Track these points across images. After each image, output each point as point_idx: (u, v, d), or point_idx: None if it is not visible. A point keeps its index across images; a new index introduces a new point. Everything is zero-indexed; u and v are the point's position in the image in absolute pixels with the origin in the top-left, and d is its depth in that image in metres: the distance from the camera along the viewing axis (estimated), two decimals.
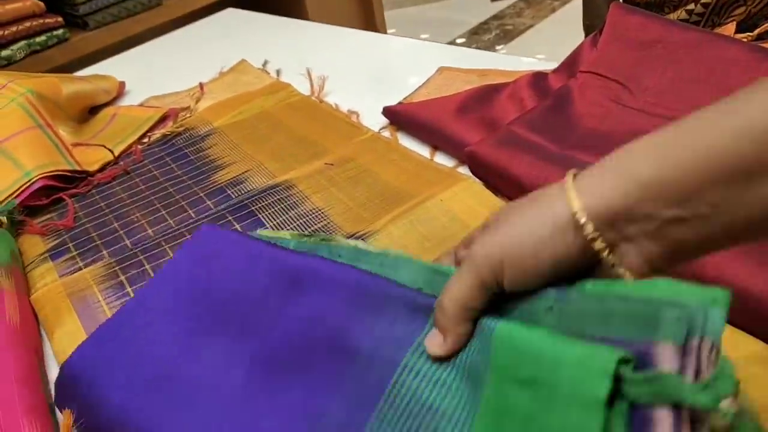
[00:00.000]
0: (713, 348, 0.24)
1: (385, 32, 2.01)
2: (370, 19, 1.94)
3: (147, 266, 0.58)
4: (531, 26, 2.68)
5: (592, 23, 0.95)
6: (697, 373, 0.24)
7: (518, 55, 0.82)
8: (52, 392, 0.48)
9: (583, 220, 0.28)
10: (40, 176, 0.67)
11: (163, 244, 0.60)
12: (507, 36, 2.63)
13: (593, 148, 0.58)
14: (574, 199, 0.28)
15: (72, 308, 0.54)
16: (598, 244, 0.28)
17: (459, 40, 2.68)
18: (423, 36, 2.77)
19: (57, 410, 0.46)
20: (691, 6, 0.79)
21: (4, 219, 0.63)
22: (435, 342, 0.34)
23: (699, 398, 0.22)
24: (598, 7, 0.92)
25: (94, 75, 0.92)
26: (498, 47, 2.55)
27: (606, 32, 0.68)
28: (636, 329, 0.26)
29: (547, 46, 2.46)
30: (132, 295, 0.55)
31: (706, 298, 0.25)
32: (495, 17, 2.81)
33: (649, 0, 0.84)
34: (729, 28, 0.66)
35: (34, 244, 0.64)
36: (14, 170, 0.67)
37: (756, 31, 0.65)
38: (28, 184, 0.66)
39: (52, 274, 0.59)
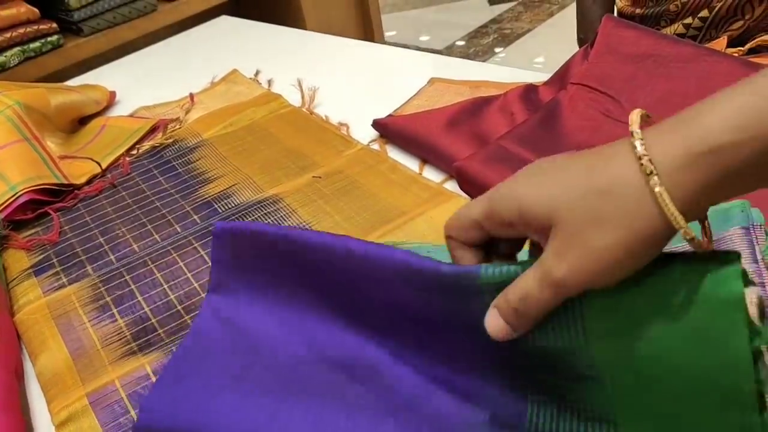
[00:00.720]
0: None
1: (382, 37, 2.00)
2: (367, 24, 1.93)
3: (133, 286, 0.57)
4: (529, 30, 2.67)
5: (586, 36, 0.94)
6: None
7: (517, 59, 0.82)
8: (32, 412, 0.48)
9: (687, 235, 0.26)
10: (26, 190, 0.67)
11: (149, 262, 0.59)
12: (505, 40, 2.62)
13: None
14: (673, 212, 0.25)
15: (57, 331, 0.54)
16: (691, 239, 0.26)
17: (458, 43, 2.67)
18: (422, 38, 2.77)
19: None
20: (689, 20, 0.78)
21: None
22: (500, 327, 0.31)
23: None
24: (592, 21, 0.92)
25: (84, 85, 0.91)
26: (497, 50, 2.55)
27: (597, 45, 0.67)
28: None
29: (545, 50, 2.45)
30: (118, 316, 0.54)
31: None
32: (493, 21, 2.80)
33: (645, 14, 0.83)
34: (720, 43, 0.65)
35: (18, 260, 0.63)
36: (0, 184, 0.67)
37: (747, 46, 0.65)
38: (14, 198, 0.66)
39: (36, 290, 0.59)
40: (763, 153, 0.24)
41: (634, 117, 0.27)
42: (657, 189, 0.25)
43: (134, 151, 0.78)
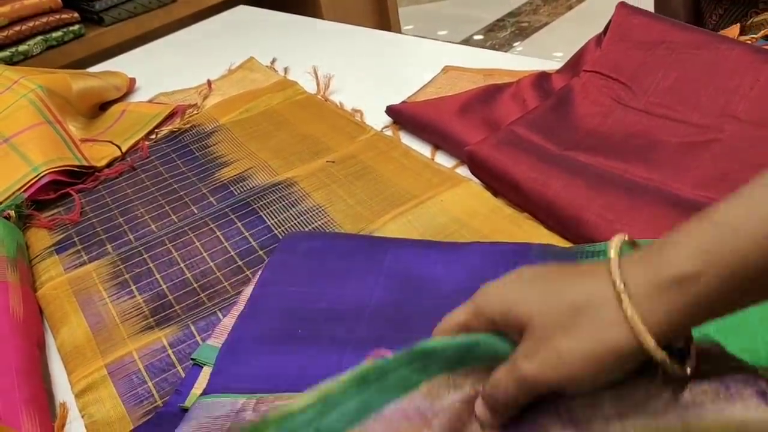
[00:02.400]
0: None
1: (399, 29, 2.01)
2: (384, 17, 1.94)
3: (151, 264, 0.59)
4: (547, 24, 2.66)
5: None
6: None
7: (534, 53, 0.82)
8: (53, 383, 0.50)
9: (657, 355, 0.27)
10: (48, 171, 0.69)
11: (167, 242, 0.61)
12: (523, 33, 2.62)
13: (593, 149, 0.58)
14: (642, 333, 0.26)
15: (77, 306, 0.55)
16: (662, 361, 0.27)
17: (476, 37, 2.67)
18: (440, 32, 2.77)
19: (56, 402, 0.48)
20: None
21: (12, 213, 0.64)
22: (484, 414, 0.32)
23: None
24: (675, 7, 0.87)
25: (105, 71, 0.93)
26: (514, 44, 2.54)
27: (611, 32, 0.67)
28: None
29: (563, 44, 2.44)
30: (136, 293, 0.56)
31: None
32: (511, 14, 2.79)
33: None
34: (733, 30, 0.65)
35: (41, 238, 0.65)
36: (23, 165, 0.69)
37: (761, 33, 0.65)
38: (37, 178, 0.68)
39: (57, 267, 0.60)
40: (726, 281, 0.26)
41: (614, 243, 0.29)
42: (629, 310, 0.26)
43: (153, 136, 0.80)
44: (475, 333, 0.32)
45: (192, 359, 0.47)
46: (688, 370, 0.28)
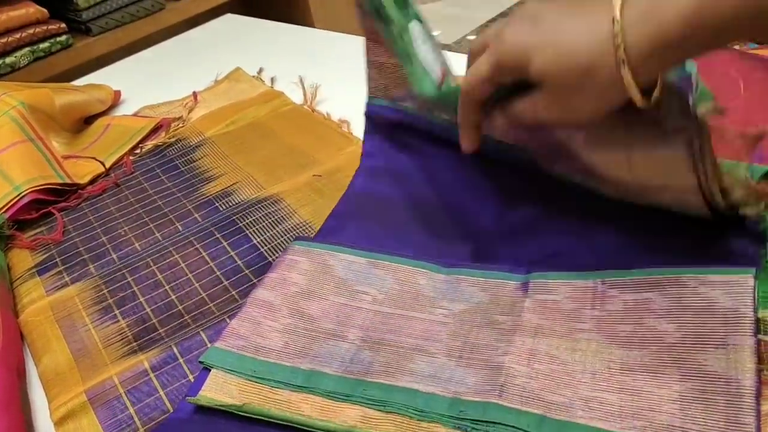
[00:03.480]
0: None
1: None
2: None
3: (134, 287, 0.57)
4: None
5: None
6: None
7: None
8: (34, 410, 0.49)
9: (641, 104, 0.35)
10: (30, 190, 0.67)
11: (151, 263, 0.60)
12: None
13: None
14: (635, 93, 0.34)
15: (60, 333, 0.54)
16: (634, 92, 0.34)
17: (469, 37, 2.66)
18: (433, 33, 2.76)
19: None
20: None
21: None
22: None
23: None
24: None
25: (88, 84, 0.92)
26: None
27: None
28: None
29: None
30: (120, 317, 0.55)
31: None
32: (503, 14, 2.79)
33: None
34: None
35: (22, 259, 0.64)
36: (4, 184, 0.67)
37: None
38: (18, 198, 0.67)
39: (39, 289, 0.59)
40: (708, 40, 0.32)
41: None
42: (627, 77, 0.33)
43: (138, 150, 0.79)
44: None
45: (200, 362, 0.46)
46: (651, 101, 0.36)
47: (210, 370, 0.46)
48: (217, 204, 0.66)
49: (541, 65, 0.36)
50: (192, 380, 0.47)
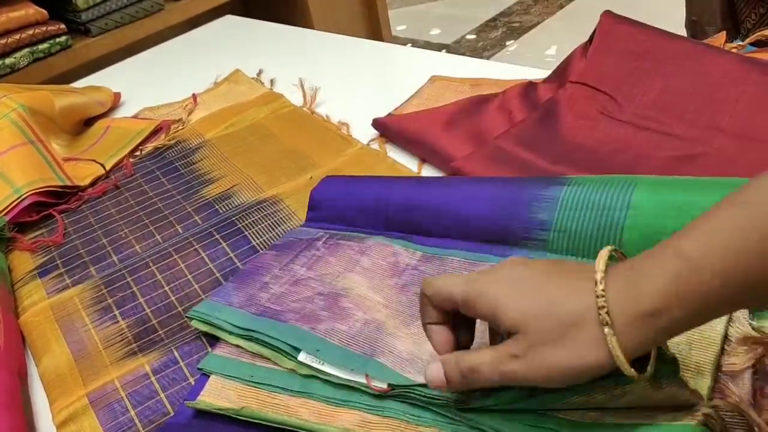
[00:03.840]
0: None
1: (390, 33, 2.00)
2: (374, 21, 1.93)
3: (134, 288, 0.58)
4: (539, 23, 2.65)
5: (700, 19, 0.88)
6: None
7: (527, 52, 0.81)
8: (36, 411, 0.49)
9: (628, 372, 0.31)
10: (31, 193, 0.68)
11: (151, 264, 0.60)
12: (514, 33, 2.61)
13: (580, 162, 0.57)
14: (620, 357, 0.31)
15: (60, 334, 0.55)
16: (621, 360, 0.31)
17: (468, 37, 2.66)
18: (433, 32, 2.76)
19: None
20: None
21: None
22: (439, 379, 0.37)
23: None
24: (709, 1, 0.84)
25: (88, 87, 0.92)
26: (507, 43, 2.53)
27: (595, 42, 0.67)
28: None
29: (555, 43, 2.44)
30: (119, 318, 0.55)
31: None
32: (502, 14, 2.79)
33: None
34: (720, 39, 0.65)
35: (23, 261, 0.64)
36: (4, 187, 0.68)
37: (747, 40, 0.64)
38: (18, 200, 0.67)
39: (40, 291, 0.60)
40: (691, 313, 0.30)
41: (601, 263, 0.32)
42: (611, 339, 0.30)
43: (138, 153, 0.79)
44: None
45: (199, 369, 0.47)
46: (646, 374, 0.32)
47: (209, 376, 0.46)
48: (216, 206, 0.66)
49: (515, 312, 0.33)
50: (192, 383, 0.47)
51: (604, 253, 0.33)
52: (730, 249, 0.29)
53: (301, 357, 0.44)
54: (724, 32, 0.65)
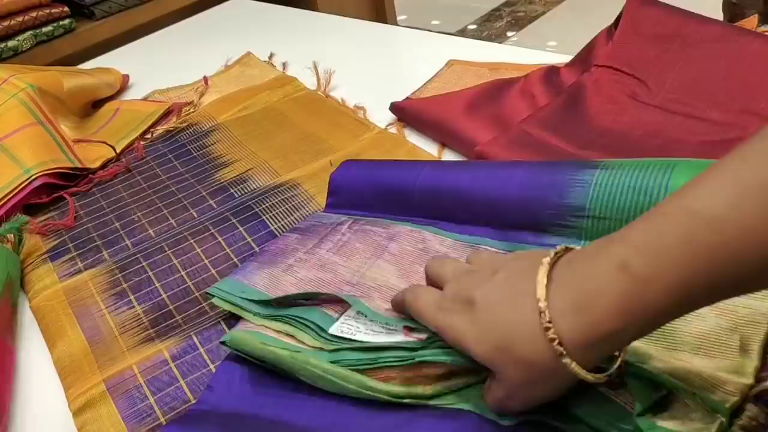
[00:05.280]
0: None
1: (395, 20, 1.98)
2: (380, 7, 1.91)
3: (150, 272, 0.56)
4: (543, 13, 2.63)
5: (741, 1, 0.86)
6: None
7: (530, 43, 0.80)
8: (49, 397, 0.47)
9: (594, 380, 0.32)
10: (41, 174, 0.66)
11: (166, 248, 0.59)
12: (518, 23, 2.59)
13: (609, 149, 0.56)
14: (586, 376, 0.31)
15: (74, 318, 0.53)
16: (583, 374, 0.31)
17: (470, 27, 2.64)
18: (434, 22, 2.74)
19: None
20: None
21: (11, 237, 0.60)
22: None
23: None
24: None
25: (97, 68, 0.91)
26: (509, 34, 2.51)
27: (623, 25, 0.65)
28: None
29: (558, 34, 2.42)
30: (135, 303, 0.53)
31: None
32: (506, 4, 2.77)
33: None
34: (752, 21, 0.63)
35: (34, 244, 0.62)
36: (14, 168, 0.66)
37: None
38: (28, 181, 0.65)
39: (52, 275, 0.58)
40: (645, 328, 0.30)
41: (540, 288, 0.32)
42: (571, 366, 0.31)
43: (148, 135, 0.77)
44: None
45: (221, 342, 0.45)
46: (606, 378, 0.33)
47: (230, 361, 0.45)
48: (232, 190, 0.65)
49: (481, 356, 0.34)
50: (212, 370, 0.46)
51: (542, 272, 0.32)
52: (681, 268, 0.28)
53: (333, 329, 0.42)
54: (757, 15, 0.63)
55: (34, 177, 0.65)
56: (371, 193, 0.55)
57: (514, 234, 0.48)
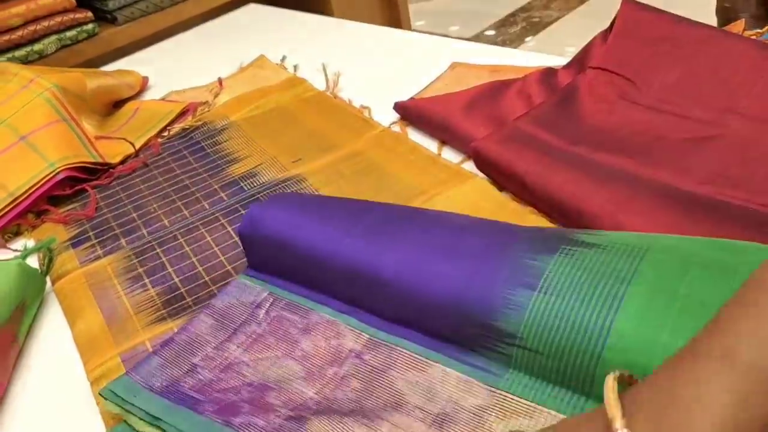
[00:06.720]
0: None
1: (410, 26, 2.01)
2: (394, 13, 1.94)
3: (163, 258, 0.60)
4: (558, 18, 2.65)
5: (733, 5, 0.88)
6: None
7: (546, 48, 0.83)
8: (69, 373, 0.51)
9: None
10: (64, 167, 0.70)
11: (179, 236, 0.62)
12: (534, 28, 2.62)
13: (598, 145, 0.59)
14: None
15: (93, 300, 0.57)
16: None
17: (487, 33, 2.67)
18: (452, 28, 2.77)
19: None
20: None
21: (43, 256, 0.59)
22: None
23: None
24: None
25: (118, 70, 0.95)
26: (526, 39, 2.54)
27: (616, 28, 0.68)
28: None
29: (574, 39, 2.44)
30: (149, 286, 0.57)
31: None
32: (522, 9, 2.79)
33: None
34: (739, 25, 0.66)
35: (56, 233, 0.67)
36: (40, 161, 0.70)
37: (767, 27, 0.65)
38: (53, 174, 0.70)
39: (73, 261, 0.62)
40: None
41: (611, 398, 0.29)
42: None
43: (165, 133, 0.82)
44: None
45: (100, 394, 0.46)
46: None
47: None
48: (242, 184, 0.69)
49: None
50: None
51: (610, 379, 0.29)
52: None
53: None
54: (743, 20, 0.65)
55: (58, 170, 0.70)
56: (289, 260, 0.50)
57: (438, 345, 0.43)
